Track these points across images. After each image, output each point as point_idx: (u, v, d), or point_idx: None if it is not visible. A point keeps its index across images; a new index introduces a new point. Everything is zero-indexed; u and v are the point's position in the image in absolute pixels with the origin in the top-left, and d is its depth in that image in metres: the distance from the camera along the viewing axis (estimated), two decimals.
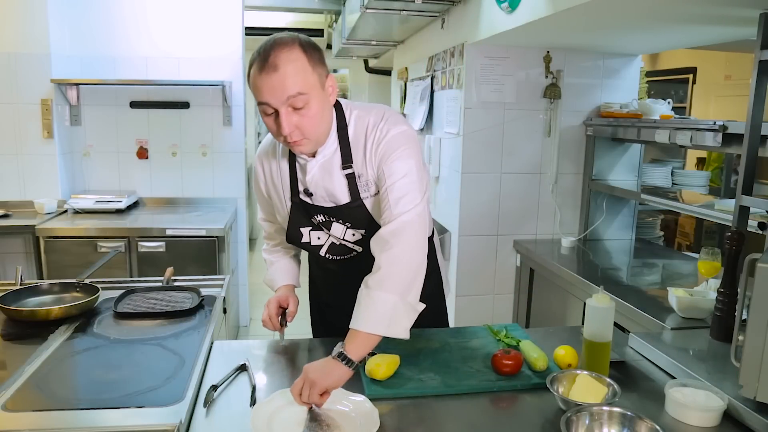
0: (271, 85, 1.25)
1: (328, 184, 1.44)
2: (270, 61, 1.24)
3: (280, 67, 1.24)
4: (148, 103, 3.70)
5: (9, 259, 3.26)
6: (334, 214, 1.47)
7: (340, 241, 1.52)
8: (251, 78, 1.29)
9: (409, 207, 1.35)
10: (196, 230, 3.15)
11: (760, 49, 1.72)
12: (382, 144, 1.39)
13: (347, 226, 1.49)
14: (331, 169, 1.43)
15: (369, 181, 1.43)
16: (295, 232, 1.54)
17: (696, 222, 4.56)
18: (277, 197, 1.55)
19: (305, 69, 1.27)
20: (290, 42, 1.27)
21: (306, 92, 1.27)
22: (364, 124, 1.42)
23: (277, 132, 1.32)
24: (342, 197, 1.45)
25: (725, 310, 1.62)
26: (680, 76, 6.29)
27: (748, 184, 1.83)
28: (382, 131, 1.40)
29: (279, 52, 1.25)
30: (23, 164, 3.43)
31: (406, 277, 1.30)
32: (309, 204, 1.49)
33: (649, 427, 1.11)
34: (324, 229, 1.51)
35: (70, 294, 1.78)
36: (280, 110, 1.27)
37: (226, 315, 1.90)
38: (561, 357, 1.42)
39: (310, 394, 1.17)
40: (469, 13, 2.97)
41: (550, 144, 3.12)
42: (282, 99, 1.26)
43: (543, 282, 2.91)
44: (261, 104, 1.29)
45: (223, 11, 3.70)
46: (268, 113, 1.29)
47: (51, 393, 1.24)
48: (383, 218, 1.37)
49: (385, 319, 1.26)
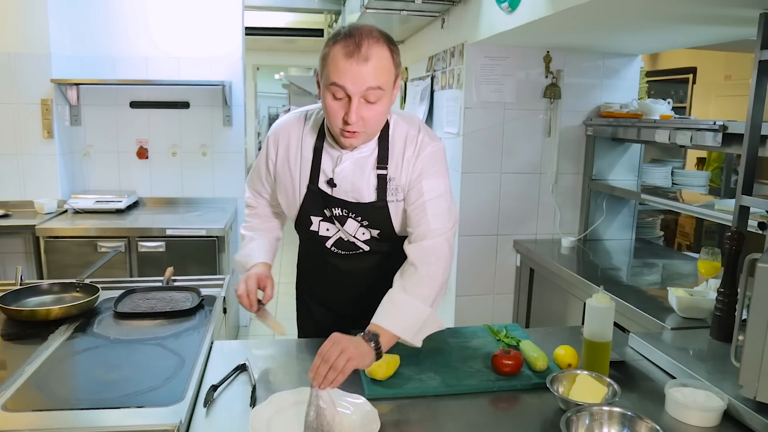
0: (357, 72, 1.26)
1: (357, 180, 1.45)
2: (363, 51, 1.26)
3: (371, 59, 1.26)
4: (148, 103, 3.70)
5: (9, 259, 3.26)
6: (354, 210, 1.47)
7: (349, 238, 1.52)
8: (333, 57, 1.28)
9: (448, 226, 1.42)
10: (196, 230, 3.15)
11: (760, 49, 1.72)
12: (422, 156, 1.44)
13: (363, 225, 1.48)
14: (364, 166, 1.44)
15: (399, 187, 1.45)
16: (304, 219, 1.52)
17: (696, 222, 4.56)
18: (289, 179, 1.52)
19: (389, 67, 1.31)
20: (380, 37, 1.30)
21: (383, 88, 1.30)
22: (403, 131, 1.46)
23: (339, 117, 1.32)
24: (367, 196, 1.45)
25: (725, 310, 1.62)
26: (680, 76, 6.29)
27: (748, 184, 1.83)
28: (423, 143, 1.45)
29: (372, 44, 1.27)
30: (23, 164, 3.43)
31: (438, 292, 1.39)
32: (328, 195, 1.47)
33: (649, 427, 1.11)
34: (336, 223, 1.50)
35: (70, 294, 1.77)
36: (353, 98, 1.28)
37: (226, 315, 1.90)
38: (561, 357, 1.42)
39: (337, 361, 1.17)
40: (469, 13, 2.97)
41: (550, 144, 3.12)
42: (362, 89, 1.27)
43: (543, 282, 2.91)
44: (335, 86, 1.28)
45: (223, 11, 3.70)
46: (338, 97, 1.30)
47: (51, 393, 1.24)
48: (417, 229, 1.41)
49: (416, 328, 1.33)
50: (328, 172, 1.46)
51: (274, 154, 1.54)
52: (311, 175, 1.48)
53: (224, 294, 1.89)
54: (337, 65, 1.27)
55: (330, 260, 1.59)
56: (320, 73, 1.35)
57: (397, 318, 1.31)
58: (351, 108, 1.29)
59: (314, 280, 1.74)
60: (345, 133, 1.34)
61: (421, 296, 1.35)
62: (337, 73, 1.27)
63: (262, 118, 13.49)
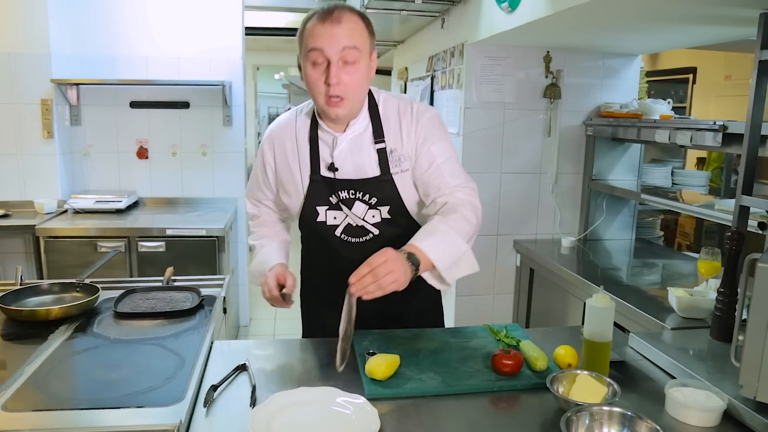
0: (331, 33, 1.32)
1: (357, 158, 1.48)
2: (335, 15, 1.33)
3: (343, 21, 1.34)
4: (148, 103, 3.71)
5: (9, 259, 3.26)
6: (361, 188, 1.48)
7: (358, 222, 1.51)
8: (308, 28, 1.35)
9: (467, 180, 1.49)
10: (196, 230, 3.15)
11: (760, 49, 1.72)
12: (423, 122, 1.48)
13: (371, 204, 1.49)
14: (361, 143, 1.48)
15: (402, 156, 1.48)
16: (310, 211, 1.53)
17: (696, 222, 4.56)
18: (290, 177, 1.54)
19: (363, 31, 1.38)
20: (352, 9, 1.38)
21: (359, 49, 1.35)
22: (393, 105, 1.51)
23: (320, 84, 1.36)
24: (371, 171, 1.48)
25: (725, 310, 1.62)
26: (680, 76, 6.29)
27: (748, 184, 1.83)
28: (419, 110, 1.49)
29: (343, 11, 1.35)
30: (23, 164, 3.43)
31: (473, 236, 1.43)
32: (333, 179, 1.48)
33: (649, 427, 1.11)
34: (343, 208, 1.50)
35: (70, 294, 1.77)
36: (332, 60, 1.33)
37: (226, 315, 1.90)
38: (561, 357, 1.42)
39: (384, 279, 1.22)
40: (469, 13, 2.97)
41: (550, 144, 3.12)
42: (338, 48, 1.33)
43: (543, 282, 2.91)
44: (314, 50, 1.34)
45: (223, 11, 3.70)
46: (318, 62, 1.35)
47: (51, 393, 1.24)
48: (439, 191, 1.45)
49: (451, 261, 1.36)
50: (327, 158, 1.49)
51: (271, 157, 1.57)
52: (311, 165, 1.50)
53: (224, 294, 1.89)
54: (313, 31, 1.34)
55: (339, 251, 1.56)
56: (300, 52, 1.40)
57: (436, 243, 1.34)
58: (330, 72, 1.34)
59: (322, 278, 1.69)
60: (330, 101, 1.37)
61: (460, 231, 1.37)
62: (313, 38, 1.34)
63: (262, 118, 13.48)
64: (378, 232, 1.53)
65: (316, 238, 1.60)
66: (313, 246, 1.64)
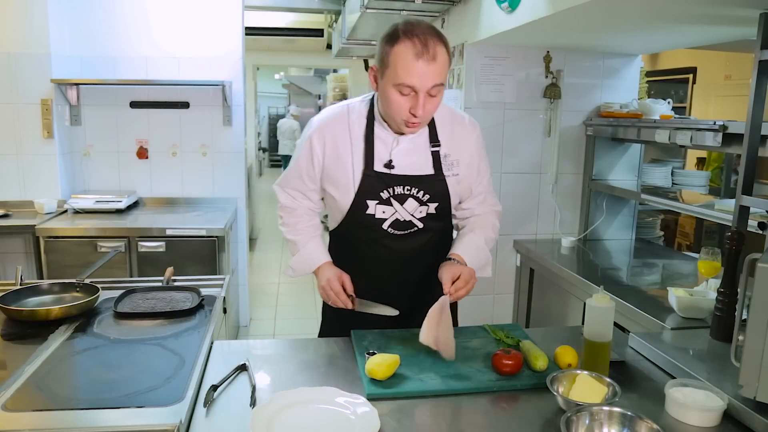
0: (425, 72, 1.37)
1: (413, 157, 1.57)
2: (430, 51, 1.37)
3: (438, 58, 1.38)
4: (148, 103, 3.70)
5: (9, 259, 3.26)
6: (417, 184, 1.56)
7: (406, 217, 1.60)
8: (399, 57, 1.38)
9: (497, 201, 1.76)
10: (196, 230, 3.15)
11: (760, 49, 1.72)
12: (475, 136, 1.65)
13: (422, 201, 1.58)
14: (418, 145, 1.57)
15: (455, 162, 1.60)
16: (360, 204, 1.58)
17: (696, 222, 4.56)
18: (340, 170, 1.58)
19: (448, 62, 1.44)
20: (439, 35, 1.41)
21: (444, 83, 1.44)
22: (446, 112, 1.62)
23: (405, 111, 1.44)
24: (426, 170, 1.58)
25: (725, 310, 1.62)
26: (680, 76, 6.29)
27: (748, 184, 1.83)
28: (471, 123, 1.65)
29: (435, 44, 1.38)
30: (23, 164, 3.43)
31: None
32: (388, 175, 1.55)
33: (649, 427, 1.11)
34: (394, 204, 1.58)
35: (70, 294, 1.77)
36: (420, 94, 1.40)
37: (226, 315, 1.90)
38: (561, 357, 1.42)
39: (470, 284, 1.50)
40: (469, 13, 2.97)
41: (550, 144, 3.12)
42: (429, 86, 1.40)
43: (543, 282, 2.91)
44: (403, 85, 1.39)
45: (223, 11, 3.70)
46: (404, 93, 1.41)
47: (51, 393, 1.24)
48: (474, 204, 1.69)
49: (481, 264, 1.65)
50: (384, 156, 1.56)
51: (320, 149, 1.59)
52: (365, 160, 1.56)
53: (224, 294, 1.89)
54: (407, 66, 1.37)
55: (383, 242, 1.62)
56: (381, 70, 1.44)
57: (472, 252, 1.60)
58: (418, 103, 1.41)
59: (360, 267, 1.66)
60: (409, 124, 1.47)
61: (489, 244, 1.68)
62: (407, 73, 1.38)
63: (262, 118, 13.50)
64: (422, 226, 1.62)
65: (357, 229, 1.63)
66: (355, 234, 1.65)
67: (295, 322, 4.43)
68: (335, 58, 6.65)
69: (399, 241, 1.62)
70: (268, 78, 13.54)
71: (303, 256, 1.67)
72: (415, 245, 1.63)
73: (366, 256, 1.66)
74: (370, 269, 1.65)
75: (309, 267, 1.66)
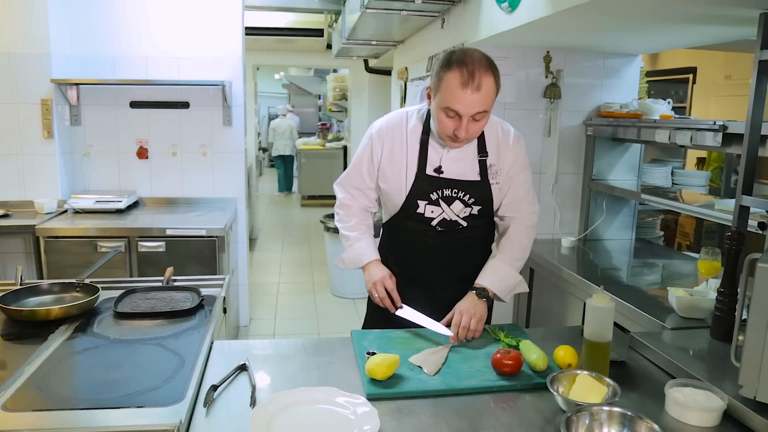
0: (469, 100, 1.51)
1: (461, 165, 1.71)
2: (476, 82, 1.50)
3: (483, 88, 1.51)
4: (148, 103, 3.70)
5: (9, 259, 3.26)
6: (463, 189, 1.71)
7: (452, 217, 1.74)
8: (448, 83, 1.52)
9: (536, 203, 1.83)
10: (196, 230, 3.15)
11: (760, 49, 1.72)
12: (519, 147, 1.77)
13: (468, 204, 1.72)
14: (466, 154, 1.72)
15: (499, 171, 1.74)
16: (411, 204, 1.74)
17: (696, 222, 4.56)
18: (395, 170, 1.74)
19: (494, 91, 1.55)
20: (488, 66, 1.54)
21: (488, 111, 1.57)
22: (494, 124, 1.75)
23: (450, 130, 1.58)
24: (472, 176, 1.72)
25: (725, 310, 1.62)
26: (680, 76, 6.29)
27: (748, 184, 1.83)
28: (516, 135, 1.77)
29: (483, 75, 1.51)
30: (23, 164, 3.43)
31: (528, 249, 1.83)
32: (439, 178, 1.70)
33: (649, 427, 1.11)
34: (442, 205, 1.72)
35: (70, 294, 1.78)
36: (464, 119, 1.54)
37: (226, 315, 1.90)
38: (561, 357, 1.42)
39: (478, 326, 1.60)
40: (469, 13, 2.97)
41: (550, 144, 3.12)
42: (472, 113, 1.53)
43: (543, 282, 2.91)
44: (450, 109, 1.54)
45: (223, 11, 3.70)
46: (450, 116, 1.55)
47: (51, 393, 1.24)
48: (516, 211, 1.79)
49: (510, 290, 1.77)
50: (435, 161, 1.71)
51: (380, 150, 1.75)
52: (419, 164, 1.71)
53: (224, 294, 1.89)
54: (453, 93, 1.51)
55: (430, 234, 1.78)
56: (434, 91, 1.60)
57: (498, 281, 1.72)
58: (461, 125, 1.55)
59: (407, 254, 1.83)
60: (453, 141, 1.61)
61: (516, 266, 1.76)
62: (453, 100, 1.52)
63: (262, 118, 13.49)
64: (466, 225, 1.76)
65: (408, 222, 1.78)
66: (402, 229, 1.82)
67: (295, 322, 4.43)
68: (335, 58, 6.66)
69: (444, 236, 1.78)
70: (268, 78, 13.54)
71: (354, 251, 1.80)
72: (458, 240, 1.79)
73: (413, 245, 1.81)
74: (416, 256, 1.82)
75: (358, 262, 1.79)
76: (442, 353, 1.50)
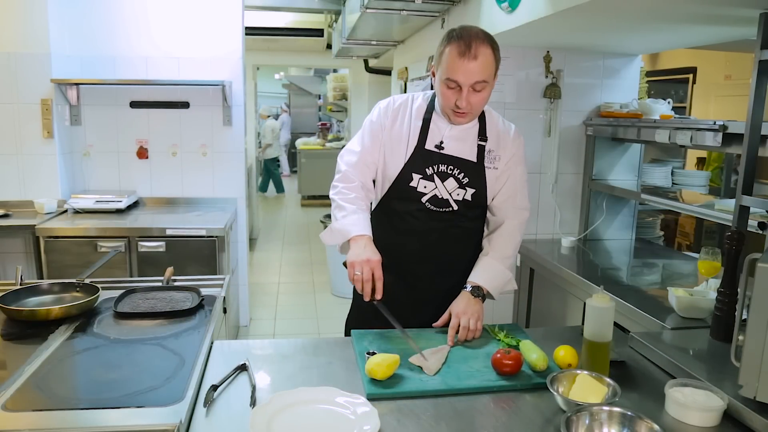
0: (467, 69, 1.56)
1: (461, 144, 1.74)
2: (472, 51, 1.55)
3: (480, 57, 1.56)
4: (148, 103, 3.70)
5: (9, 259, 3.26)
6: (458, 166, 1.73)
7: (444, 195, 1.74)
8: (447, 56, 1.58)
9: (528, 204, 1.87)
10: (196, 230, 3.15)
11: (760, 49, 1.72)
12: (519, 141, 1.80)
13: (461, 184, 1.73)
14: (467, 136, 1.75)
15: (497, 157, 1.77)
16: (406, 176, 1.74)
17: (696, 222, 4.56)
18: (396, 143, 1.76)
19: (492, 63, 1.60)
20: (485, 38, 1.58)
21: (487, 81, 1.60)
22: (497, 117, 1.81)
23: (452, 102, 1.62)
24: (470, 157, 1.74)
25: (725, 310, 1.62)
26: (680, 76, 6.29)
27: (748, 184, 1.83)
28: (516, 131, 1.80)
29: (479, 45, 1.56)
30: (23, 164, 3.43)
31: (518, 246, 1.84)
32: (438, 153, 1.73)
33: (649, 427, 1.11)
34: (436, 180, 1.73)
35: (70, 294, 1.78)
36: (464, 88, 1.58)
37: (226, 315, 1.90)
38: (561, 357, 1.42)
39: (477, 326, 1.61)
40: (469, 13, 2.97)
41: (550, 144, 3.12)
42: (471, 82, 1.58)
43: (543, 282, 2.91)
44: (449, 80, 1.59)
45: (223, 11, 3.70)
46: (451, 87, 1.60)
47: (51, 393, 1.24)
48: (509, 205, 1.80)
49: (500, 289, 1.77)
50: (437, 137, 1.74)
51: (389, 125, 1.78)
52: (420, 138, 1.74)
53: (224, 294, 1.89)
54: (452, 63, 1.57)
55: (418, 215, 1.77)
56: (436, 67, 1.65)
57: (491, 279, 1.73)
58: (462, 96, 1.59)
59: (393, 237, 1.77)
60: (456, 113, 1.65)
61: (507, 264, 1.77)
62: (452, 70, 1.57)
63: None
64: (457, 208, 1.76)
65: (397, 202, 1.78)
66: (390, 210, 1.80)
67: (295, 322, 4.43)
68: (335, 58, 6.65)
69: (433, 216, 1.77)
70: (268, 78, 13.54)
71: (348, 220, 1.66)
72: (447, 223, 1.78)
73: (400, 228, 1.79)
74: (402, 240, 1.79)
75: (348, 233, 1.64)
76: (442, 353, 1.50)
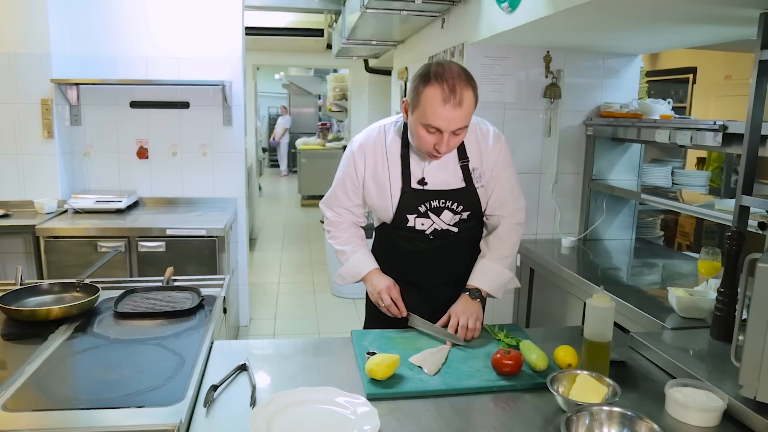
0: (450, 116, 1.48)
1: (443, 174, 1.69)
2: (457, 97, 1.47)
3: (464, 104, 1.48)
4: (148, 103, 3.70)
5: (9, 259, 3.26)
6: (450, 198, 1.70)
7: (444, 227, 1.74)
8: (429, 101, 1.48)
9: (523, 203, 1.82)
10: (196, 230, 3.15)
11: (760, 49, 1.72)
12: (500, 146, 1.73)
13: (456, 212, 1.72)
14: (448, 162, 1.68)
15: (482, 173, 1.72)
16: (401, 218, 1.73)
17: (696, 222, 4.55)
18: (380, 186, 1.72)
19: (473, 105, 1.53)
20: (467, 80, 1.51)
21: (468, 125, 1.55)
22: (473, 128, 1.69)
23: (430, 146, 1.55)
24: (456, 184, 1.70)
25: (725, 310, 1.62)
26: (680, 76, 6.29)
27: (748, 184, 1.83)
28: (496, 134, 1.74)
29: (463, 90, 1.48)
30: (23, 164, 3.43)
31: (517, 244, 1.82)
32: (424, 191, 1.68)
33: (649, 427, 1.11)
34: (431, 216, 1.72)
35: (70, 294, 1.78)
36: (445, 134, 1.51)
37: (226, 315, 1.90)
38: (561, 357, 1.42)
39: (476, 325, 1.61)
40: (469, 13, 2.97)
41: (550, 144, 3.12)
42: (454, 128, 1.51)
43: (543, 282, 2.91)
44: (431, 126, 1.50)
45: (223, 11, 3.70)
46: (430, 132, 1.52)
47: (51, 393, 1.24)
48: (502, 209, 1.77)
49: (502, 288, 1.77)
50: (418, 174, 1.68)
51: (362, 167, 1.73)
52: (403, 178, 1.69)
53: (224, 294, 1.89)
54: (434, 110, 1.48)
55: (423, 244, 1.77)
56: (412, 106, 1.55)
57: (490, 280, 1.73)
58: (442, 141, 1.52)
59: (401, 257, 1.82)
60: (432, 155, 1.59)
61: (506, 264, 1.77)
62: (434, 117, 1.49)
63: (262, 118, 13.49)
64: (457, 230, 1.76)
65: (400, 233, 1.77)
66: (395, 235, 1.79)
67: (295, 322, 4.43)
68: (335, 58, 6.65)
69: (437, 241, 1.77)
70: (268, 78, 13.53)
71: (352, 264, 1.78)
72: (451, 243, 1.78)
73: (406, 250, 1.80)
74: (409, 261, 1.81)
75: (357, 275, 1.78)
76: (442, 353, 1.50)
